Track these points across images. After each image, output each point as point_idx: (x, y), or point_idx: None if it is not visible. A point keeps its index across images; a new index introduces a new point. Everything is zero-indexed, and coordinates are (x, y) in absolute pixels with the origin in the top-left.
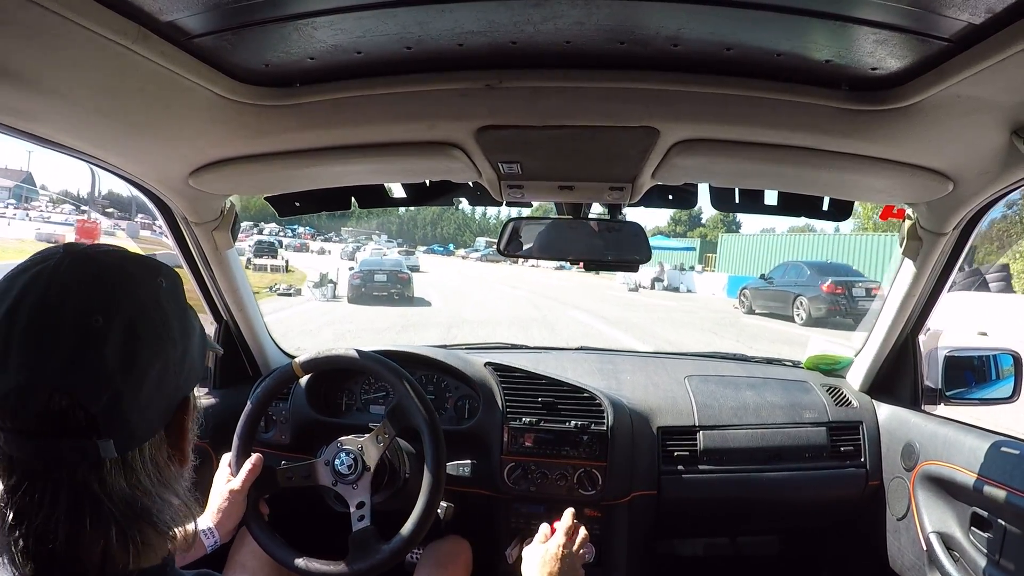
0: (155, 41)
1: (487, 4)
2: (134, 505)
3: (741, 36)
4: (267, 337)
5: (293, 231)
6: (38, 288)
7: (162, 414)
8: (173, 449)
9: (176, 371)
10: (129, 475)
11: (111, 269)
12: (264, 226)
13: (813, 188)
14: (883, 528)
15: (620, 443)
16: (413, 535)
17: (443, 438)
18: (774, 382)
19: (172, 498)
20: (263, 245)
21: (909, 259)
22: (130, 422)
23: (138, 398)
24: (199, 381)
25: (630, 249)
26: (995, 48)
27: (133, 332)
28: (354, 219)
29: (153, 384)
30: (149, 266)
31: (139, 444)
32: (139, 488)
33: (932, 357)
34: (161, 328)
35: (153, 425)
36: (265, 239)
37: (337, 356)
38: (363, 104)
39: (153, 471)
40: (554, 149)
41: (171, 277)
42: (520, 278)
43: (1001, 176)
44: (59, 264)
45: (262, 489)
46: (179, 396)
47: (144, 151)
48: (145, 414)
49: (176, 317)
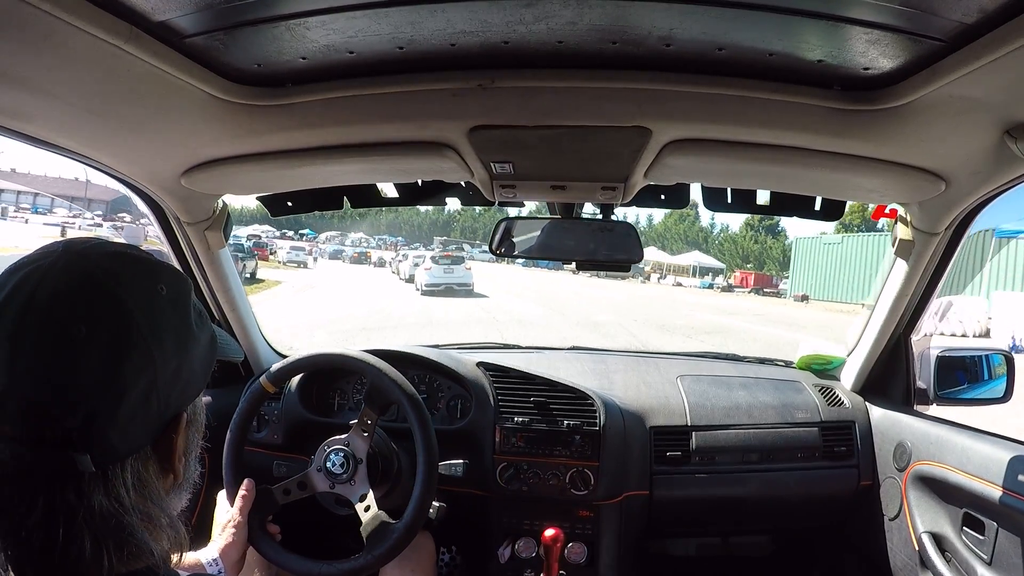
0: (147, 41)
1: (479, 4)
2: (110, 520)
3: (733, 36)
4: (260, 337)
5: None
6: (27, 289)
7: (149, 431)
8: (162, 466)
9: (167, 387)
10: (109, 489)
11: (105, 274)
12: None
13: (805, 188)
14: (875, 528)
15: (612, 443)
16: (422, 499)
17: (422, 403)
18: (766, 382)
19: (159, 516)
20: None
21: (901, 259)
22: (109, 438)
23: (117, 415)
24: (198, 395)
25: (622, 249)
26: (987, 48)
27: (118, 345)
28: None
29: (137, 401)
30: (149, 271)
31: (120, 460)
32: (119, 503)
33: (924, 357)
34: (151, 342)
35: (137, 442)
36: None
37: (300, 360)
38: (355, 104)
39: (136, 487)
40: (546, 149)
41: (173, 284)
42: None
43: (993, 176)
44: (54, 264)
45: (263, 512)
46: (169, 413)
47: (136, 151)
48: (127, 431)
49: (173, 329)
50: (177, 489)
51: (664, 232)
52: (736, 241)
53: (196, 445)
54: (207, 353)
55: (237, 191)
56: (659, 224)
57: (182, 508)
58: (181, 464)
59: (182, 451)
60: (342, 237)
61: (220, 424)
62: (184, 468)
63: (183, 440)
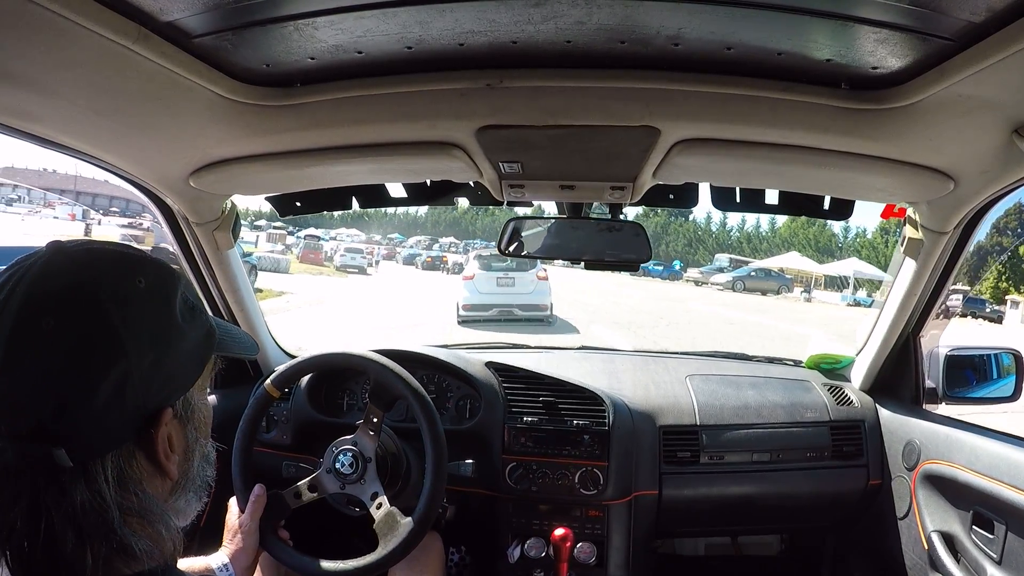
0: (156, 41)
1: (488, 4)
2: (91, 516)
3: (742, 35)
4: (268, 337)
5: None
6: (7, 289)
7: (128, 425)
8: (151, 462)
9: (144, 380)
10: (90, 485)
11: (79, 268)
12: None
13: (814, 187)
14: (884, 528)
15: (621, 443)
16: (433, 493)
17: (427, 395)
18: (775, 381)
19: (147, 513)
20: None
21: (910, 258)
22: (83, 431)
23: (90, 407)
24: (187, 390)
25: (630, 249)
26: (995, 47)
27: (87, 337)
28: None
29: (110, 393)
30: (128, 264)
31: (99, 455)
32: (101, 499)
33: (933, 356)
34: (124, 333)
35: (115, 436)
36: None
37: (303, 362)
38: (364, 104)
39: (119, 483)
40: (555, 149)
41: (156, 276)
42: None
43: (1002, 175)
44: (34, 265)
45: (274, 517)
46: (150, 407)
47: (145, 151)
48: (102, 424)
49: (150, 321)
50: (180, 490)
51: (790, 237)
52: (876, 247)
53: (199, 444)
54: (198, 348)
55: (246, 191)
56: (783, 228)
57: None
58: (172, 462)
59: (176, 448)
60: (430, 241)
61: (231, 425)
62: (184, 467)
63: (177, 437)
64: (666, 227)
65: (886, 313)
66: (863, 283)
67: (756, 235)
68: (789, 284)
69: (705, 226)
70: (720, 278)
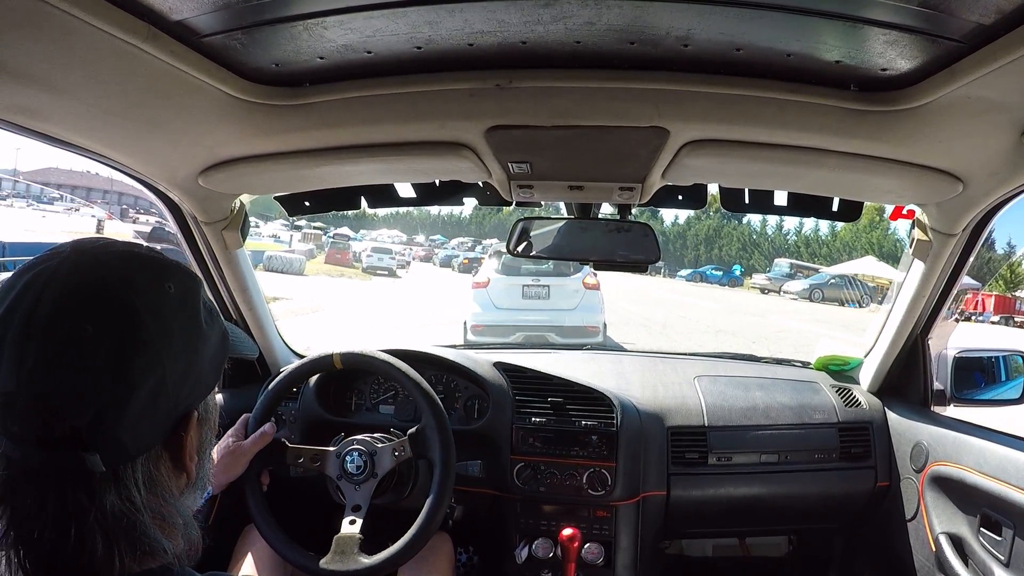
0: (165, 40)
1: (497, 4)
2: (122, 520)
3: (751, 36)
4: (277, 337)
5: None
6: (35, 291)
7: (159, 429)
8: (175, 465)
9: (176, 386)
10: (120, 489)
11: (111, 273)
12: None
13: (823, 188)
14: (892, 529)
15: (629, 444)
16: (395, 558)
17: (454, 476)
18: (783, 383)
19: (172, 515)
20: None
21: (919, 260)
22: (119, 438)
23: (127, 414)
24: (208, 393)
25: (639, 250)
26: (1005, 49)
27: (125, 344)
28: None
29: (146, 399)
30: (157, 270)
31: (131, 459)
32: (131, 503)
33: (941, 358)
34: (159, 341)
35: (147, 440)
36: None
37: (377, 360)
38: (373, 104)
39: (147, 486)
40: (564, 149)
41: (182, 282)
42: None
43: (1011, 177)
44: (61, 265)
45: (267, 461)
46: (179, 411)
47: (154, 150)
48: (137, 429)
49: (181, 327)
50: (191, 488)
51: (852, 241)
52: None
53: (210, 444)
54: (218, 351)
55: (255, 191)
56: (843, 231)
57: (198, 508)
58: (193, 463)
59: (194, 450)
60: (473, 243)
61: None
62: (197, 467)
63: (196, 438)
64: (719, 230)
65: (894, 315)
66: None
67: (815, 239)
68: (872, 293)
69: (760, 229)
70: (793, 286)
